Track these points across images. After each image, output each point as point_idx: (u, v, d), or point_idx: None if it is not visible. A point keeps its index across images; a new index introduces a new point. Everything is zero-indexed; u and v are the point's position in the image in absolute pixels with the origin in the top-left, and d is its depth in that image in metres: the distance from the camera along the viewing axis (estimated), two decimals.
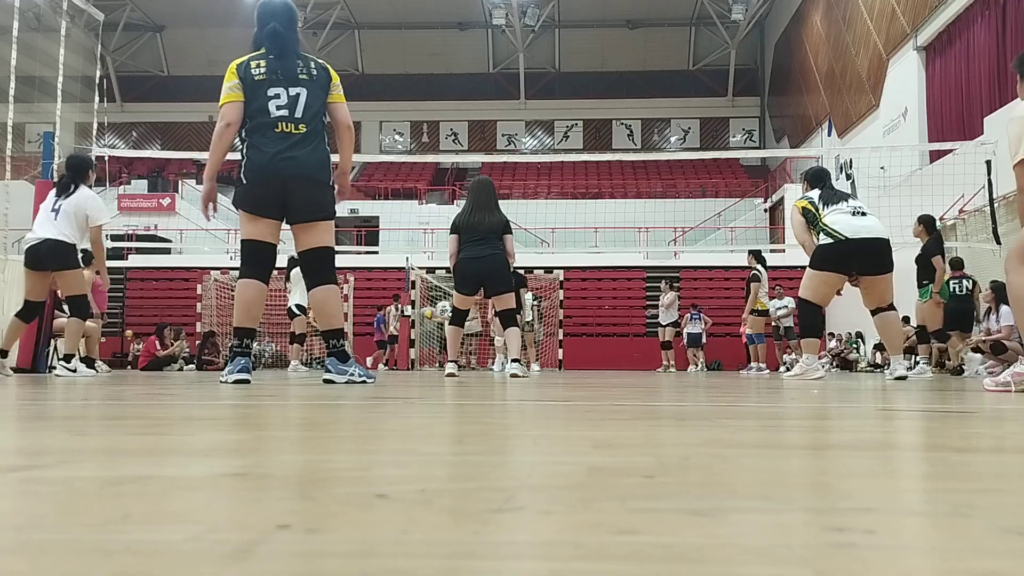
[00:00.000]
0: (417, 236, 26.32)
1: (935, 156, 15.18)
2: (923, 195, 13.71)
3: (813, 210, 6.50)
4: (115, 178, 24.56)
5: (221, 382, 4.63)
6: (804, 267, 6.45)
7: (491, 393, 4.00)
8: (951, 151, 13.38)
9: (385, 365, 17.10)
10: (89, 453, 1.37)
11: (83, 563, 0.61)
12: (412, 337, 16.36)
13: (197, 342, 16.29)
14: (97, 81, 11.37)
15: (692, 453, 1.31)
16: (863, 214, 6.37)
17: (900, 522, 0.78)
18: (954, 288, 11.00)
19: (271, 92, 4.57)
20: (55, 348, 9.98)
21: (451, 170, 32.65)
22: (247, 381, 4.57)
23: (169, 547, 0.65)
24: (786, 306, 16.51)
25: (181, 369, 13.96)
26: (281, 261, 5.75)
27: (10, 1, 9.87)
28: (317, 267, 4.76)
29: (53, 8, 19.39)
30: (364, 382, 4.70)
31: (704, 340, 17.66)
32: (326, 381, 4.76)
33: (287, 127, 4.54)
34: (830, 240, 6.30)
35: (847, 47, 21.44)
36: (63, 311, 10.39)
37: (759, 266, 12.81)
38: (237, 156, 4.89)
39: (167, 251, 24.36)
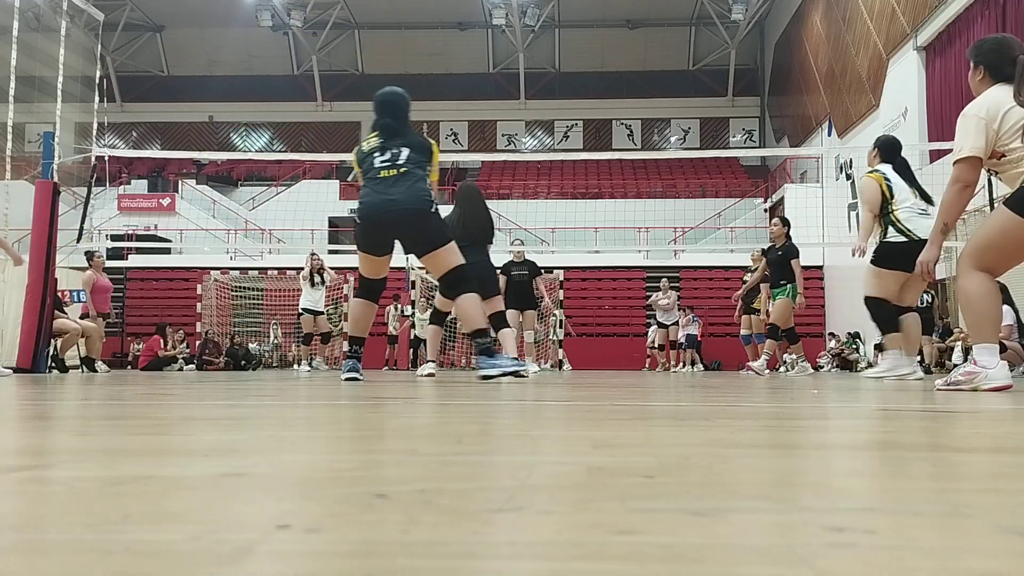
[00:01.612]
0: None
1: (935, 156, 15.17)
2: None
3: (886, 194, 6.06)
4: (115, 178, 24.54)
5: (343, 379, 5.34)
6: (803, 267, 6.42)
7: (491, 393, 4.00)
8: (951, 151, 13.33)
9: (386, 364, 17.10)
10: (89, 453, 1.37)
11: (83, 563, 0.61)
12: (412, 337, 16.37)
13: (198, 342, 16.29)
14: (97, 81, 11.36)
15: (692, 453, 1.31)
16: (927, 214, 5.96)
17: (900, 522, 0.77)
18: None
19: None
20: (55, 348, 9.98)
21: (451, 170, 32.64)
22: (357, 379, 5.21)
23: (169, 547, 0.65)
24: None
25: (181, 369, 13.97)
26: (299, 262, 6.19)
27: (10, 1, 9.87)
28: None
29: (53, 8, 19.39)
30: (517, 372, 5.04)
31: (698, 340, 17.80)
32: (483, 378, 5.08)
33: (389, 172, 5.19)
34: (902, 239, 5.92)
35: (847, 47, 21.44)
36: (63, 311, 10.41)
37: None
38: (228, 156, 5.22)
39: (167, 251, 24.35)
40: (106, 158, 11.23)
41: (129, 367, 18.57)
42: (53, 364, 9.70)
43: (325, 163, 29.15)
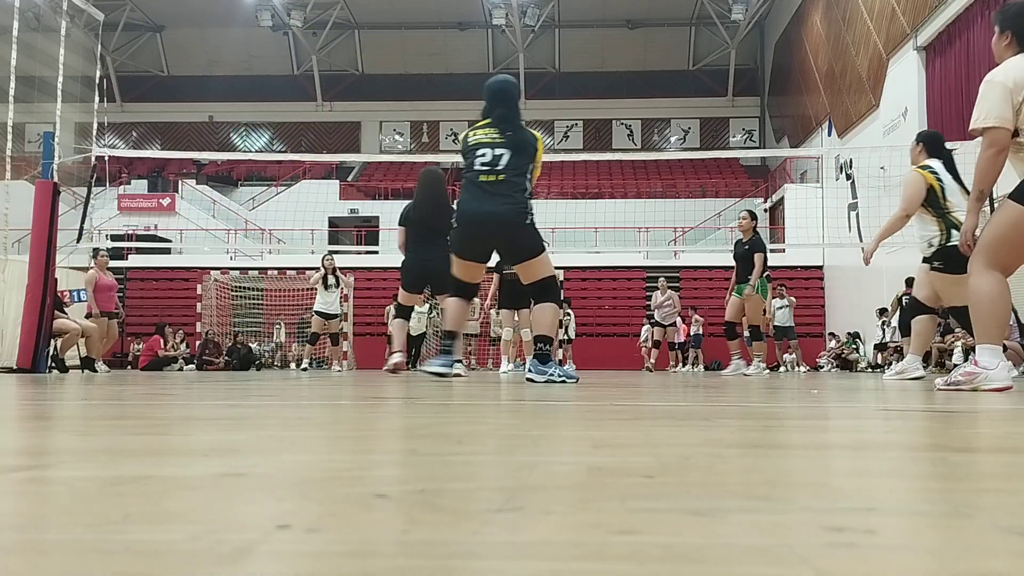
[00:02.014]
0: None
1: None
2: None
3: (939, 193, 5.76)
4: (115, 178, 24.55)
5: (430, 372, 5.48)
6: (803, 267, 6.34)
7: (491, 393, 4.00)
8: (951, 151, 13.33)
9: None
10: (89, 453, 1.37)
11: (83, 563, 0.61)
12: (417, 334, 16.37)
13: (198, 342, 16.30)
14: (97, 81, 11.36)
15: (692, 453, 1.31)
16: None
17: (900, 522, 0.78)
18: (906, 302, 12.27)
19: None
20: (55, 348, 9.98)
21: (451, 170, 32.65)
22: (442, 375, 5.25)
23: (169, 547, 0.65)
24: (787, 305, 16.50)
25: (181, 369, 13.97)
26: (314, 262, 6.07)
27: (10, 1, 9.87)
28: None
29: (53, 8, 19.39)
30: (564, 382, 4.98)
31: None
32: (528, 380, 5.13)
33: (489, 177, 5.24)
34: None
35: (847, 47, 21.44)
36: (63, 311, 10.41)
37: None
38: (228, 157, 5.19)
39: (167, 251, 24.35)
40: (106, 158, 11.23)
41: (129, 367, 18.57)
42: (53, 364, 9.70)
43: (325, 163, 29.16)
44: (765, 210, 27.49)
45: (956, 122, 15.87)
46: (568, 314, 16.16)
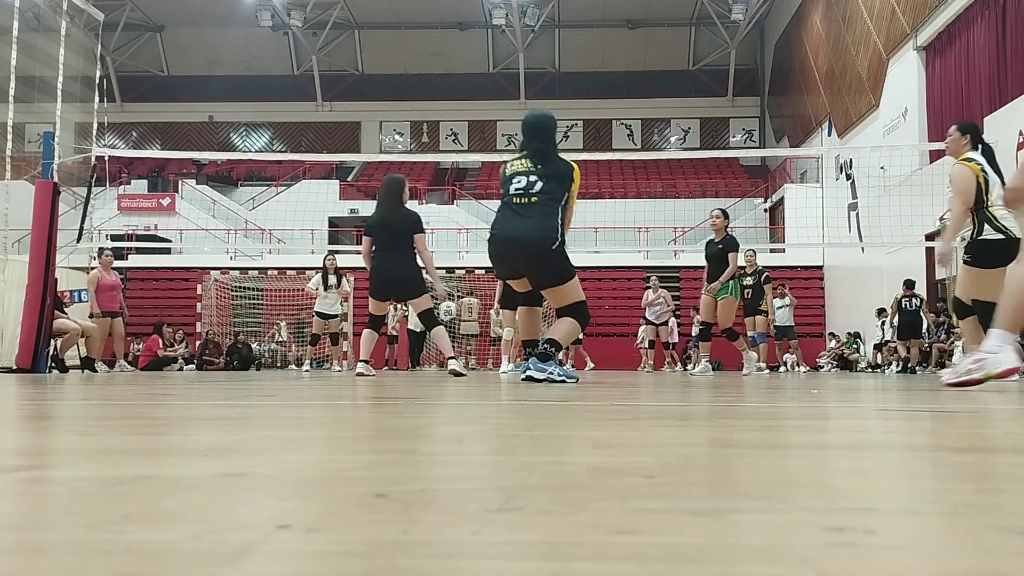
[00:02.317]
0: None
1: (935, 156, 15.16)
2: (923, 195, 13.70)
3: (983, 187, 5.57)
4: (115, 178, 24.53)
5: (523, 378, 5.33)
6: (803, 267, 6.35)
7: (491, 393, 4.00)
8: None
9: (386, 364, 17.10)
10: (89, 453, 1.37)
11: (83, 563, 0.61)
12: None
13: (198, 342, 16.29)
14: (97, 81, 11.36)
15: (692, 453, 1.31)
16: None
17: (900, 522, 0.77)
18: (905, 304, 13.73)
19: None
20: (55, 348, 9.98)
21: (451, 170, 32.64)
22: (534, 379, 5.05)
23: (169, 547, 0.65)
24: (787, 305, 16.47)
25: (181, 369, 13.97)
26: (314, 261, 5.96)
27: (10, 1, 9.87)
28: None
29: (53, 8, 19.38)
30: (564, 381, 4.97)
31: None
32: (527, 378, 5.10)
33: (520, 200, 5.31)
34: (1000, 236, 5.50)
35: (847, 47, 21.44)
36: (63, 311, 10.41)
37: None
38: (228, 157, 5.14)
39: (167, 251, 24.36)
40: (106, 158, 11.23)
41: (129, 367, 18.55)
42: (53, 364, 9.70)
43: (325, 163, 29.15)
44: (765, 210, 27.49)
45: (955, 122, 15.87)
46: None
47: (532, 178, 5.28)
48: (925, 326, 14.05)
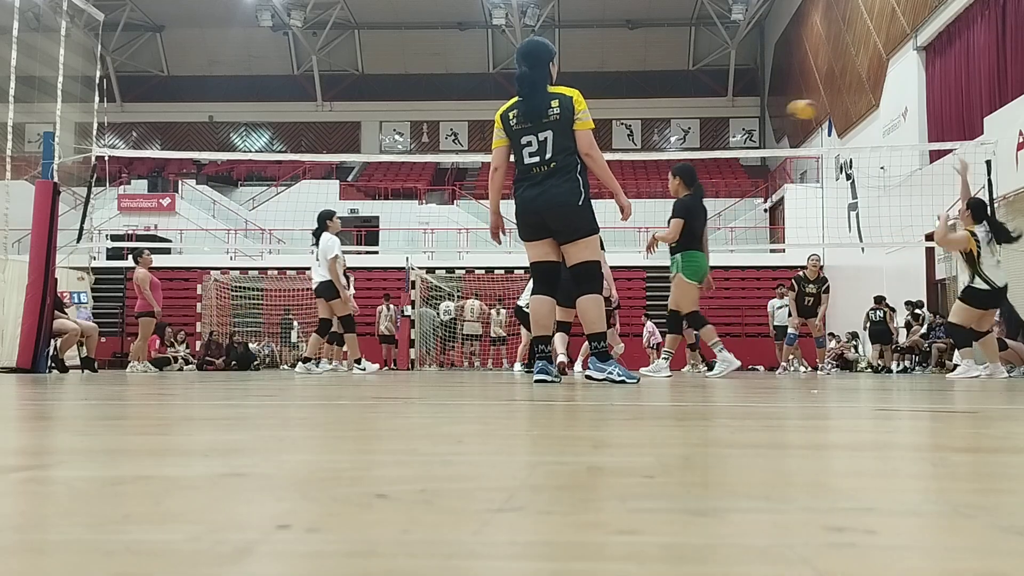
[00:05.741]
0: (417, 236, 26.30)
1: (935, 156, 15.17)
2: (923, 195, 13.70)
3: (976, 253, 7.74)
4: (115, 178, 24.54)
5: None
6: (803, 267, 6.44)
7: (491, 393, 4.00)
8: (951, 151, 13.37)
9: (384, 365, 17.11)
10: (89, 453, 1.37)
11: (83, 563, 0.61)
12: (412, 337, 16.37)
13: (198, 342, 16.30)
14: (97, 81, 11.36)
15: (692, 453, 1.31)
16: (1001, 266, 7.86)
17: (900, 522, 0.77)
18: (872, 315, 15.51)
19: (524, 141, 5.11)
20: (55, 348, 9.98)
21: (451, 170, 32.64)
22: (546, 381, 4.86)
23: (169, 547, 0.65)
24: (787, 305, 16.45)
25: (181, 369, 13.98)
26: (299, 262, 5.97)
27: (10, 1, 9.87)
28: (582, 279, 5.16)
29: (53, 8, 19.37)
30: (624, 382, 4.81)
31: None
32: (587, 378, 5.04)
33: (539, 169, 5.07)
34: (986, 287, 7.73)
35: (847, 47, 21.44)
36: (63, 311, 10.41)
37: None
38: (228, 157, 5.13)
39: (167, 251, 24.36)
40: (106, 158, 11.24)
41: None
42: (53, 364, 9.70)
43: (325, 163, 29.15)
44: (765, 210, 27.49)
45: (955, 122, 15.87)
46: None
47: (541, 135, 5.06)
48: (913, 329, 15.16)
